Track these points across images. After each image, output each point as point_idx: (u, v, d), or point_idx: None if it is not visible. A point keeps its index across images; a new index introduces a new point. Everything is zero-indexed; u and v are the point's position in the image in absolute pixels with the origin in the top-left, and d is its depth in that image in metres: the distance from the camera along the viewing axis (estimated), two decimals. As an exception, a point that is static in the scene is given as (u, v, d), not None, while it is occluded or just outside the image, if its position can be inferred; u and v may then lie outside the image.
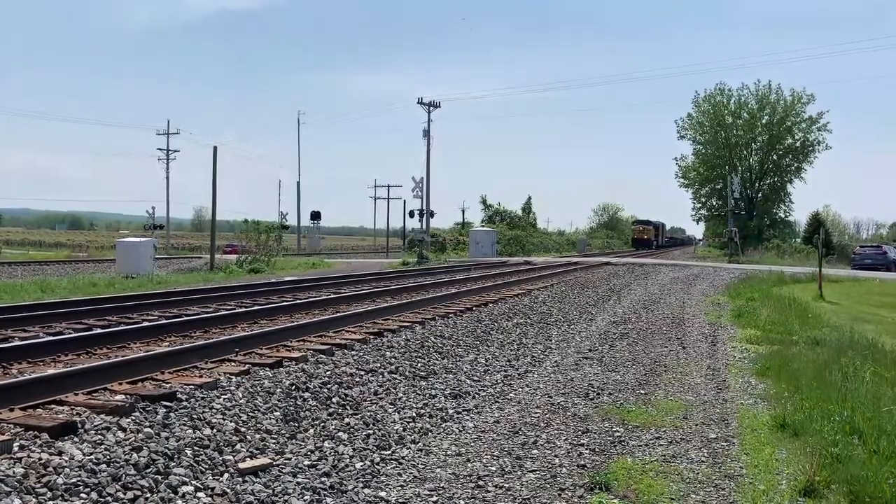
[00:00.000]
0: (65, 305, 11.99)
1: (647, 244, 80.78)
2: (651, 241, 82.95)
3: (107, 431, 4.89)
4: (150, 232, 59.17)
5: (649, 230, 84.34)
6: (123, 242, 27.29)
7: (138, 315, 11.32)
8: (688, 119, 67.34)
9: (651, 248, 78.28)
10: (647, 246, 79.53)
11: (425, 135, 49.99)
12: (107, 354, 7.75)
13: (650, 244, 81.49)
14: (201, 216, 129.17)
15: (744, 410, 7.29)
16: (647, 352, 10.65)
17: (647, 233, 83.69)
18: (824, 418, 6.38)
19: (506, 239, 56.11)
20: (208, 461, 4.88)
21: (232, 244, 42.40)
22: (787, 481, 5.19)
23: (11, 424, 4.86)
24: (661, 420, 6.88)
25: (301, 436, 5.75)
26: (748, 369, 9.46)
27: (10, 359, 7.10)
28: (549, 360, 9.84)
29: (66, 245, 73.97)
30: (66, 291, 16.80)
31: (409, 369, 8.24)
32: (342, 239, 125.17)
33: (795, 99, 62.99)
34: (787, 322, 13.57)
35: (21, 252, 53.51)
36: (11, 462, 4.23)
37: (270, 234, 32.85)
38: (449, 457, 5.68)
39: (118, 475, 4.34)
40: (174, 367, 6.93)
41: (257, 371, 7.07)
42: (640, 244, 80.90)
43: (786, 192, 66.88)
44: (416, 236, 43.90)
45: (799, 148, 64.29)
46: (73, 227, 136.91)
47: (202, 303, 13.38)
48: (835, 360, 8.92)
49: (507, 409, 7.16)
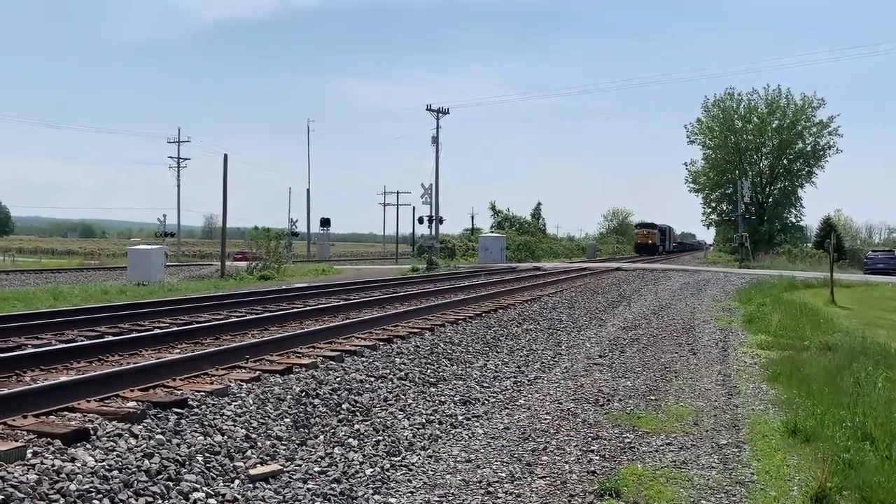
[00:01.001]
0: (77, 313, 12.06)
1: (651, 249, 73.54)
2: (656, 246, 75.76)
3: (119, 438, 4.93)
4: (161, 239, 59.59)
5: (654, 234, 76.44)
6: (135, 250, 27.47)
7: (150, 322, 11.38)
8: (697, 124, 67.38)
9: (657, 254, 72.14)
10: (653, 251, 73.10)
11: (434, 141, 50.04)
12: (119, 361, 7.80)
13: (655, 249, 74.36)
14: (212, 223, 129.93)
15: (755, 416, 7.26)
16: (657, 357, 10.62)
17: (651, 237, 75.83)
18: (836, 424, 6.35)
19: (515, 245, 56.03)
20: (219, 468, 4.90)
21: (242, 251, 42.59)
22: (798, 487, 5.17)
23: (25, 431, 4.90)
24: (671, 426, 6.86)
25: (311, 442, 5.77)
26: (759, 375, 9.42)
27: (23, 366, 7.16)
28: (559, 366, 9.83)
29: (78, 253, 74.51)
30: (78, 299, 16.92)
31: (419, 375, 8.25)
32: (352, 245, 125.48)
33: (806, 103, 62.83)
34: (798, 327, 13.50)
35: (34, 260, 53.91)
36: (25, 469, 4.27)
37: (280, 241, 32.99)
38: (459, 463, 5.68)
39: (130, 482, 4.37)
40: (185, 373, 6.96)
41: (268, 378, 7.09)
42: (645, 249, 73.67)
43: (797, 197, 66.75)
44: (425, 242, 43.98)
45: (810, 152, 64.13)
46: (84, 235, 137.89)
47: (213, 310, 13.43)
48: (847, 366, 8.87)
49: (517, 416, 7.15)
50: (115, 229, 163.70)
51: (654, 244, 74.88)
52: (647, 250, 73.03)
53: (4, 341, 8.97)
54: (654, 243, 74.81)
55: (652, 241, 74.90)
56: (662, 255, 75.18)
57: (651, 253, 71.25)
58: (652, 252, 72.08)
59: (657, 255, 70.61)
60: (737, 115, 65.35)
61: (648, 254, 70.54)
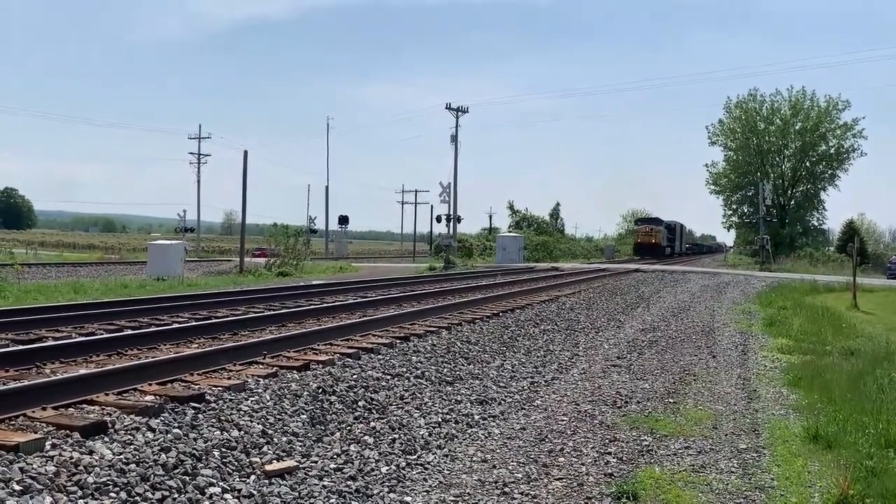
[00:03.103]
0: (97, 307, 12.16)
1: (656, 251, 58.89)
2: (661, 246, 60.69)
3: (136, 432, 4.95)
4: (180, 235, 60.01)
5: (658, 232, 61.38)
6: (155, 245, 27.67)
7: (168, 317, 11.45)
8: (719, 125, 66.72)
9: (663, 257, 58.49)
10: (658, 254, 58.49)
11: (453, 140, 50.10)
12: (137, 355, 7.84)
13: (661, 251, 59.85)
14: (231, 219, 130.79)
15: (775, 421, 7.16)
16: (676, 360, 10.53)
17: (655, 235, 60.84)
18: (858, 430, 6.25)
19: (533, 245, 55.84)
20: (235, 463, 4.91)
21: (261, 248, 42.73)
22: (819, 494, 5.08)
23: (44, 423, 4.93)
24: (690, 429, 6.78)
25: (327, 439, 5.76)
26: (780, 379, 9.30)
27: (43, 358, 7.21)
28: (577, 368, 9.77)
29: (99, 247, 75.28)
30: (98, 293, 17.07)
31: (436, 374, 8.23)
32: (369, 243, 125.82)
33: (830, 105, 62.06)
34: (820, 332, 13.33)
35: (55, 253, 54.53)
36: (44, 460, 4.29)
37: (299, 238, 33.09)
38: (475, 463, 5.65)
39: (147, 475, 4.38)
40: (203, 368, 6.98)
41: (285, 374, 7.10)
42: (646, 251, 58.98)
43: (819, 200, 65.95)
44: (442, 241, 43.88)
45: (833, 155, 63.32)
46: (105, 229, 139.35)
47: (231, 305, 13.49)
48: (869, 372, 8.74)
49: (534, 416, 7.11)
50: (135, 224, 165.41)
51: (658, 244, 60.44)
52: (650, 252, 58.53)
53: (26, 333, 9.07)
54: (657, 243, 60.37)
55: (655, 240, 60.51)
56: (672, 257, 62.74)
57: (656, 256, 57.46)
58: (657, 255, 58.06)
59: (665, 258, 58.18)
60: (759, 116, 64.67)
61: (652, 256, 56.54)
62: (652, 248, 59.51)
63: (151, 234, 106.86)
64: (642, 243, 61.18)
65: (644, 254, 58.58)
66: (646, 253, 58.57)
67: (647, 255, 57.58)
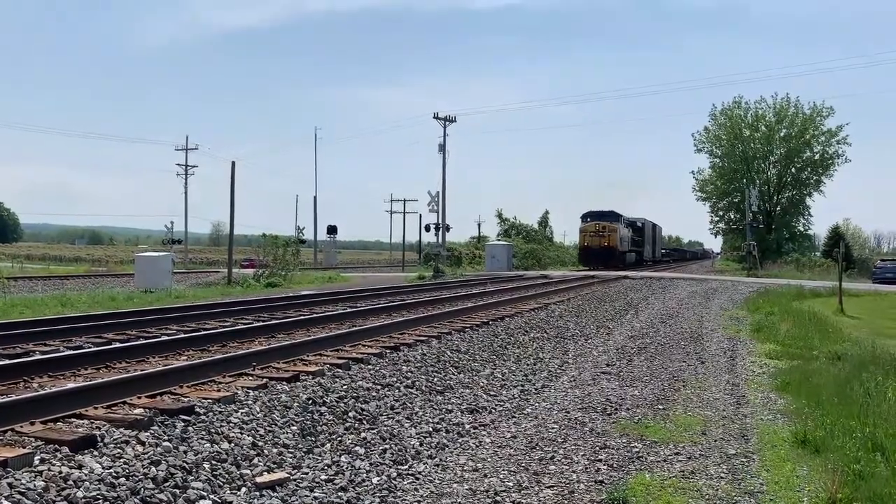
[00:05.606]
0: (84, 320, 12.09)
1: (608, 257, 43.93)
2: (619, 252, 45.51)
3: (126, 445, 4.92)
4: (168, 246, 59.68)
5: (613, 232, 45.20)
6: (142, 257, 27.54)
7: (157, 329, 11.40)
8: (705, 132, 67.13)
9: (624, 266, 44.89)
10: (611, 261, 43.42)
11: (441, 149, 50.12)
12: (126, 368, 7.80)
13: (617, 258, 44.68)
14: (219, 230, 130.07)
15: (764, 426, 7.21)
16: (665, 367, 10.58)
17: (608, 237, 44.97)
18: (846, 435, 6.30)
19: (522, 253, 55.92)
20: (226, 475, 4.90)
21: (249, 258, 42.56)
22: (808, 498, 5.12)
23: (32, 438, 4.90)
24: (679, 436, 6.82)
25: (318, 450, 5.75)
26: (768, 384, 9.36)
27: (31, 372, 7.17)
28: (567, 375, 9.80)
29: (86, 260, 74.63)
30: (85, 306, 16.96)
31: (426, 384, 8.23)
32: (358, 253, 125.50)
33: (815, 112, 62.63)
34: (807, 337, 13.43)
35: (42, 266, 54.11)
36: (32, 475, 4.27)
37: (287, 248, 32.98)
38: (466, 472, 5.66)
39: (137, 489, 4.37)
40: (192, 381, 6.95)
41: (274, 385, 7.08)
42: (596, 257, 44.37)
43: (805, 206, 66.40)
44: (432, 250, 43.91)
45: (818, 161, 63.84)
46: (92, 242, 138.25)
47: (220, 317, 13.44)
48: (856, 376, 8.81)
49: (524, 424, 7.13)
50: (122, 236, 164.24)
51: (613, 248, 45.06)
52: (601, 259, 43.74)
53: (13, 347, 9.00)
54: (611, 247, 45.03)
55: (609, 242, 45.14)
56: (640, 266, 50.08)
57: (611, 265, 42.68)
58: (614, 263, 43.41)
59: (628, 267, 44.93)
60: (744, 123, 65.17)
61: (606, 266, 41.96)
62: (604, 253, 44.72)
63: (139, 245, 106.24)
64: (590, 247, 45.83)
65: (593, 262, 44.14)
66: (594, 259, 44.31)
67: (597, 263, 43.55)
